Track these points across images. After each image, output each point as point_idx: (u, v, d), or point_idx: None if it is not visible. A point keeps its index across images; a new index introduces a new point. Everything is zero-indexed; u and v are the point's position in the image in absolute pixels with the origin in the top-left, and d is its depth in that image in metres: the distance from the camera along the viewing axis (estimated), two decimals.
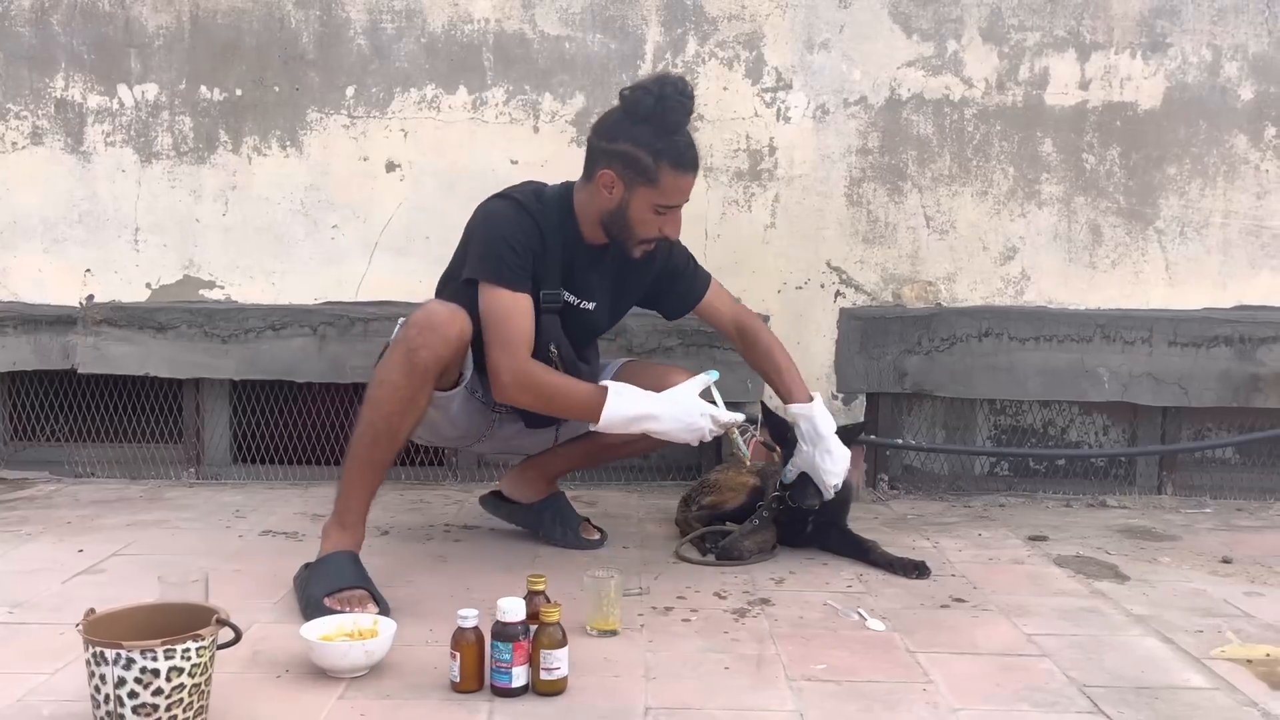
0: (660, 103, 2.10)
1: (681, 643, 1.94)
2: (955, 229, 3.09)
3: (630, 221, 2.18)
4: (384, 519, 2.76)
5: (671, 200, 2.17)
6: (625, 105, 2.15)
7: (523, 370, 2.09)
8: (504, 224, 2.14)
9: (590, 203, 2.21)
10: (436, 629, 1.93)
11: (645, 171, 2.13)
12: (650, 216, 2.17)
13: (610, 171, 2.15)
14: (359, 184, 3.08)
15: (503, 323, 2.09)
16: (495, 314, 2.10)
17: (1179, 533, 2.78)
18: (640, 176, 2.13)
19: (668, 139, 2.12)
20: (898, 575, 2.31)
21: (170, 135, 3.08)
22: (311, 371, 3.09)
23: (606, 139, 2.17)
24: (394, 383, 2.04)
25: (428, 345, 2.03)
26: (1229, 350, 3.04)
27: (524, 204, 2.18)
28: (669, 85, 2.12)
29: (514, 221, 2.15)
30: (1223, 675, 1.83)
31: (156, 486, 3.12)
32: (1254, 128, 3.06)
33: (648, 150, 2.11)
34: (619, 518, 2.81)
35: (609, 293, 2.35)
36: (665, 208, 2.17)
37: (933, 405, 3.22)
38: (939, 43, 3.04)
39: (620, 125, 2.15)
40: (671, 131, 2.13)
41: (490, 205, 2.21)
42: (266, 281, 3.11)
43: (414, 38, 3.05)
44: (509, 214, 2.17)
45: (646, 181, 2.13)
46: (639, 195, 2.15)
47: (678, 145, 2.13)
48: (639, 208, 2.16)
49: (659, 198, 2.15)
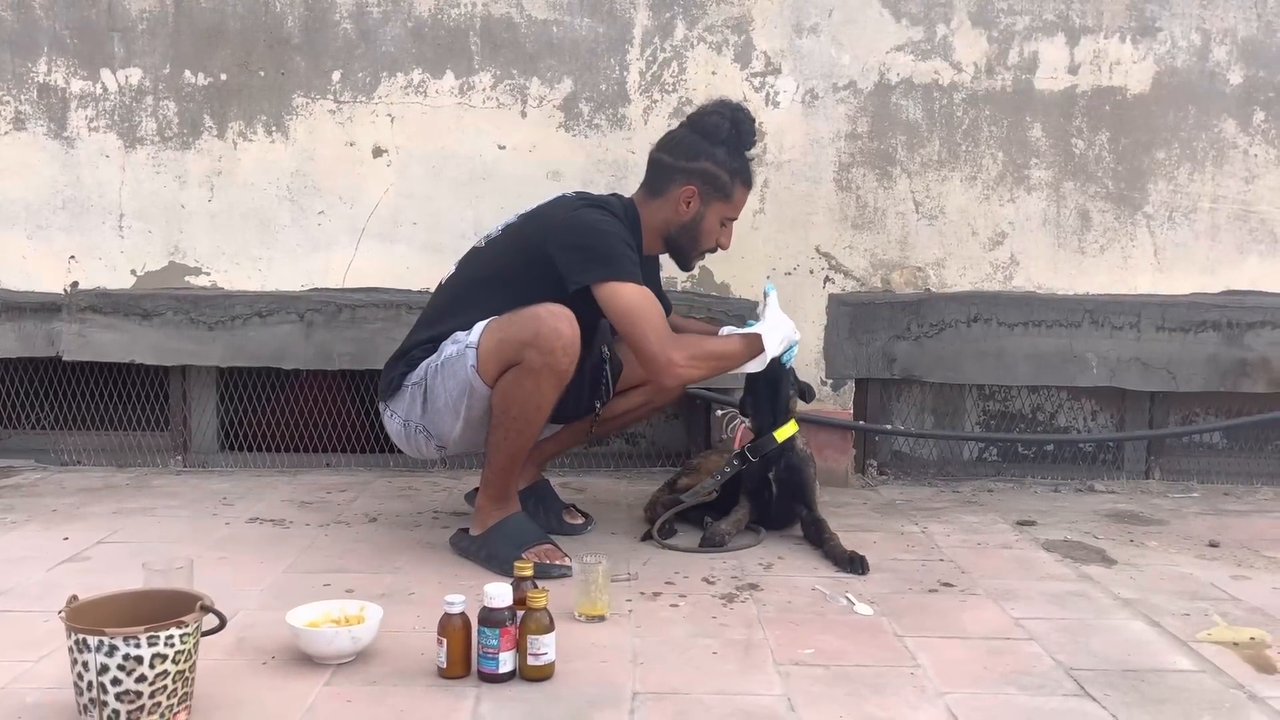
0: (735, 127, 2.36)
1: (669, 628, 1.93)
2: (944, 214, 3.08)
3: (701, 233, 2.40)
4: (372, 506, 2.76)
5: (737, 214, 2.43)
6: (701, 129, 2.38)
7: (685, 352, 2.21)
8: (617, 227, 2.27)
9: (658, 215, 2.39)
10: (424, 615, 1.93)
11: (723, 188, 2.37)
12: (716, 229, 2.41)
13: (692, 187, 2.35)
14: (346, 170, 3.06)
15: (648, 314, 2.19)
16: (637, 308, 2.18)
17: (1166, 517, 2.79)
18: (718, 192, 2.37)
19: (741, 159, 2.39)
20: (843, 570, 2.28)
21: (155, 120, 3.05)
22: (299, 358, 3.08)
23: (686, 158, 2.36)
24: (549, 402, 2.18)
25: (568, 354, 2.15)
26: (1217, 335, 3.05)
27: (619, 216, 2.31)
28: (739, 111, 2.38)
29: (622, 227, 2.29)
30: (1209, 658, 1.83)
31: (143, 474, 3.10)
32: (1243, 112, 3.06)
33: (726, 169, 2.36)
34: (607, 504, 2.81)
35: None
36: (729, 220, 2.42)
37: (922, 391, 3.22)
38: (928, 27, 3.03)
39: (699, 146, 2.36)
40: (743, 152, 2.39)
41: (592, 215, 2.27)
42: (253, 268, 3.09)
43: (400, 22, 3.03)
44: (615, 221, 2.28)
45: (723, 197, 2.37)
46: (713, 209, 2.38)
47: (747, 165, 2.41)
48: (711, 221, 2.39)
49: (729, 211, 2.40)
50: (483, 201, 3.05)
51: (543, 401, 2.16)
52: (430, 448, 2.35)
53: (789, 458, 2.49)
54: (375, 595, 2.03)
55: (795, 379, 2.54)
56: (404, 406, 2.33)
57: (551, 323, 2.12)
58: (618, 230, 2.25)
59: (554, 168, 3.04)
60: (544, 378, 2.13)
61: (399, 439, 2.39)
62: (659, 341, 2.18)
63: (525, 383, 2.14)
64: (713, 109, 2.39)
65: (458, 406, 2.22)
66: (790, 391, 2.51)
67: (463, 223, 3.04)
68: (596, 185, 2.94)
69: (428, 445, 2.34)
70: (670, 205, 2.37)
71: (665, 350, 2.18)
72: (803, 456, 2.53)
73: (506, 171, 3.04)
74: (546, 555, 2.22)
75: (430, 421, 2.29)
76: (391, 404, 2.37)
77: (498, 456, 2.23)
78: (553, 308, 2.15)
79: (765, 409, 2.50)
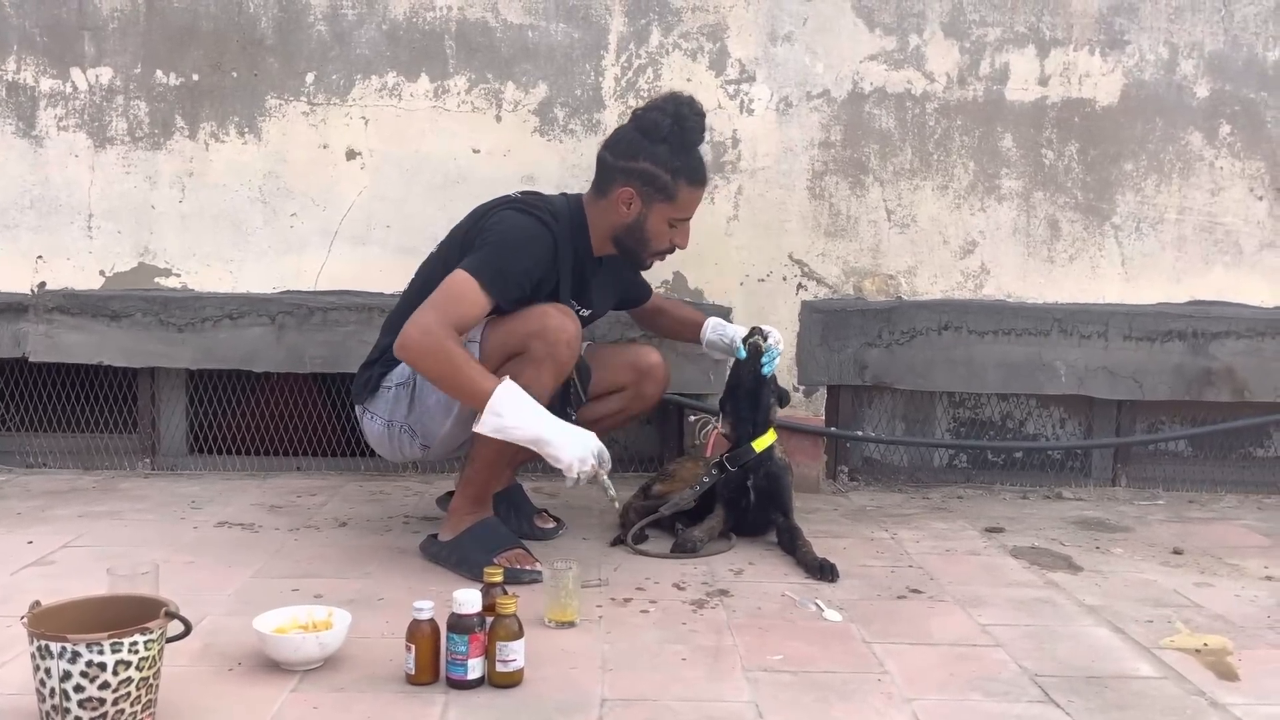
0: (678, 123, 2.26)
1: (639, 634, 1.94)
2: (916, 223, 3.11)
3: (647, 235, 2.32)
4: (343, 510, 2.74)
5: (686, 214, 2.34)
6: (642, 126, 2.29)
7: (439, 338, 2.04)
8: (522, 245, 2.18)
9: (604, 218, 2.33)
10: (393, 621, 1.92)
11: (664, 189, 2.28)
12: (665, 229, 2.32)
13: (630, 189, 2.28)
14: (319, 172, 3.05)
15: (455, 300, 2.10)
16: (455, 293, 2.11)
17: (1132, 524, 2.83)
18: (659, 193, 2.28)
19: (684, 157, 2.29)
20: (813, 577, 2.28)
21: (125, 120, 3.03)
22: (269, 361, 3.05)
23: (625, 158, 2.28)
24: (547, 392, 2.15)
25: (570, 347, 2.16)
26: (1182, 345, 3.09)
27: (549, 224, 2.23)
28: (684, 105, 2.28)
29: (532, 244, 2.19)
30: (1171, 665, 1.86)
31: (110, 477, 3.07)
32: (1209, 125, 3.10)
33: (666, 168, 2.27)
34: (580, 509, 2.81)
35: (601, 298, 2.48)
36: (678, 220, 2.33)
37: (893, 398, 3.24)
38: (901, 37, 3.06)
39: (638, 144, 2.28)
40: (688, 150, 2.29)
41: (515, 219, 2.21)
42: (224, 270, 3.07)
43: (375, 25, 3.01)
44: (530, 235, 2.20)
45: (665, 198, 2.28)
46: (656, 210, 2.30)
47: (693, 163, 2.31)
48: (656, 222, 2.31)
49: (675, 212, 2.31)
50: (456, 205, 3.00)
51: (540, 391, 2.13)
52: (414, 448, 2.35)
53: (768, 466, 2.50)
54: (344, 600, 2.02)
55: (775, 385, 2.54)
56: (386, 407, 2.32)
57: (558, 316, 2.17)
58: (519, 248, 2.16)
59: (528, 172, 3.04)
60: (545, 368, 2.14)
61: (379, 440, 2.38)
62: (430, 310, 2.07)
63: (526, 371, 2.13)
64: (656, 104, 2.31)
65: (450, 403, 2.22)
66: (771, 400, 2.52)
67: (436, 226, 3.00)
68: (570, 190, 2.93)
69: (411, 446, 2.34)
70: (613, 206, 2.30)
71: (423, 316, 2.06)
72: (781, 465, 2.54)
73: (481, 175, 3.04)
74: (517, 560, 2.22)
75: (417, 420, 2.29)
76: (370, 405, 2.36)
77: (486, 450, 2.21)
78: (559, 305, 2.21)
79: (745, 419, 2.50)
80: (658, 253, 2.37)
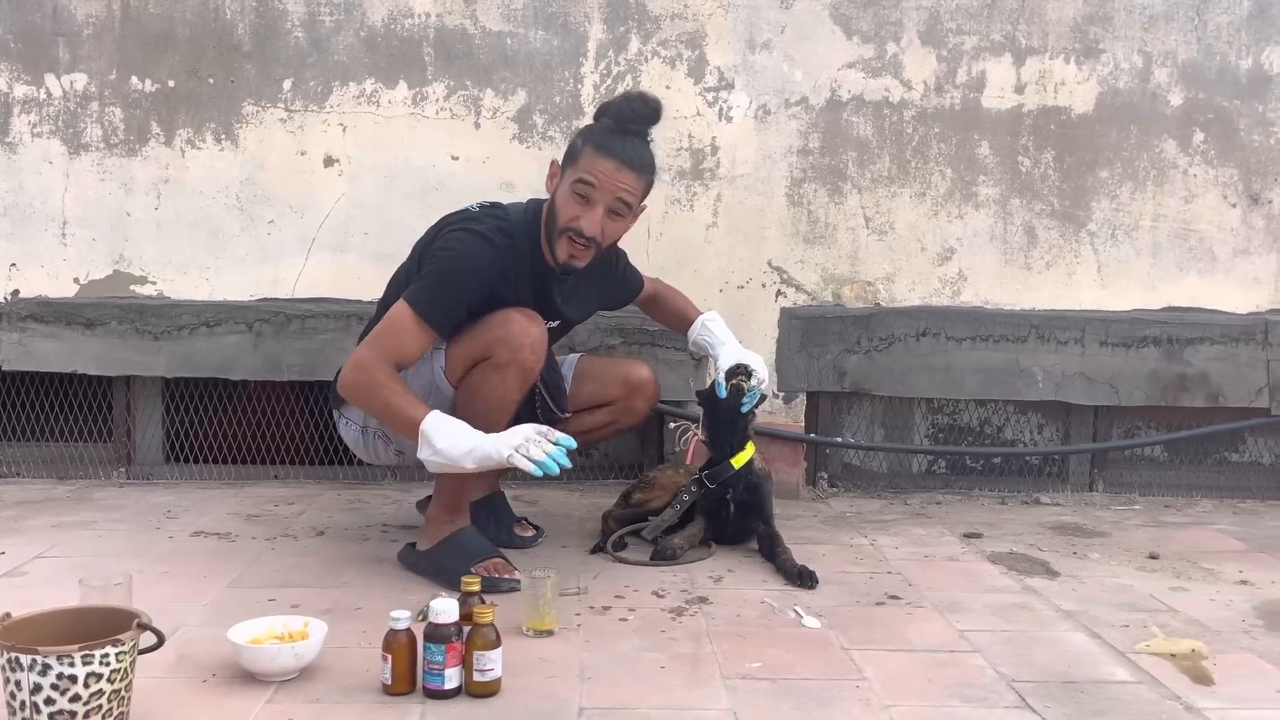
0: (621, 102, 2.20)
1: (618, 642, 1.93)
2: (894, 230, 3.12)
3: (556, 208, 2.19)
4: (320, 519, 2.72)
5: (588, 176, 2.14)
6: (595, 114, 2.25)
7: (373, 374, 2.06)
8: (461, 272, 2.12)
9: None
10: (370, 631, 1.91)
11: (574, 154, 2.19)
12: (571, 201, 2.16)
13: (555, 162, 2.24)
14: (296, 179, 3.03)
15: (392, 334, 2.10)
16: (391, 326, 2.11)
17: (1109, 529, 2.84)
18: (569, 161, 2.20)
19: (607, 132, 2.18)
20: (793, 584, 2.27)
21: (100, 126, 3.00)
22: (247, 369, 3.03)
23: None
24: (513, 399, 2.15)
25: (535, 352, 2.14)
26: (1158, 351, 3.11)
27: (496, 243, 2.17)
28: (635, 95, 2.22)
29: (472, 272, 2.13)
30: (1147, 669, 1.87)
31: (85, 487, 3.04)
32: (1183, 133, 3.13)
33: (583, 137, 2.20)
34: (560, 516, 2.80)
35: (574, 307, 2.40)
36: (582, 185, 2.14)
37: (872, 404, 3.25)
38: (879, 45, 3.07)
39: (582, 129, 2.25)
40: (619, 131, 2.17)
41: (460, 243, 2.15)
42: (200, 277, 3.05)
43: (353, 31, 3.01)
44: (471, 262, 2.13)
45: (571, 161, 2.19)
46: (565, 178, 2.19)
47: (610, 139, 2.16)
48: (564, 190, 2.18)
49: (575, 173, 2.15)
50: (435, 212, 2.94)
51: (506, 398, 2.13)
52: (389, 453, 2.34)
53: (748, 478, 2.49)
54: (321, 610, 2.00)
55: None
56: (359, 413, 2.32)
57: (522, 320, 2.14)
58: (461, 271, 2.12)
59: (507, 179, 3.03)
60: (510, 374, 2.13)
61: (355, 445, 2.38)
62: (367, 345, 2.11)
63: (491, 377, 2.13)
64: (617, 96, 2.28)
65: None
66: (750, 418, 2.51)
67: (415, 233, 2.95)
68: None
69: (386, 450, 2.33)
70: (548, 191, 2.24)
71: (360, 351, 2.10)
72: (761, 475, 2.53)
73: (460, 182, 3.03)
74: (496, 569, 2.21)
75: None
76: (346, 411, 2.36)
77: None
78: (524, 309, 2.17)
79: (723, 440, 2.48)
80: (565, 230, 2.16)
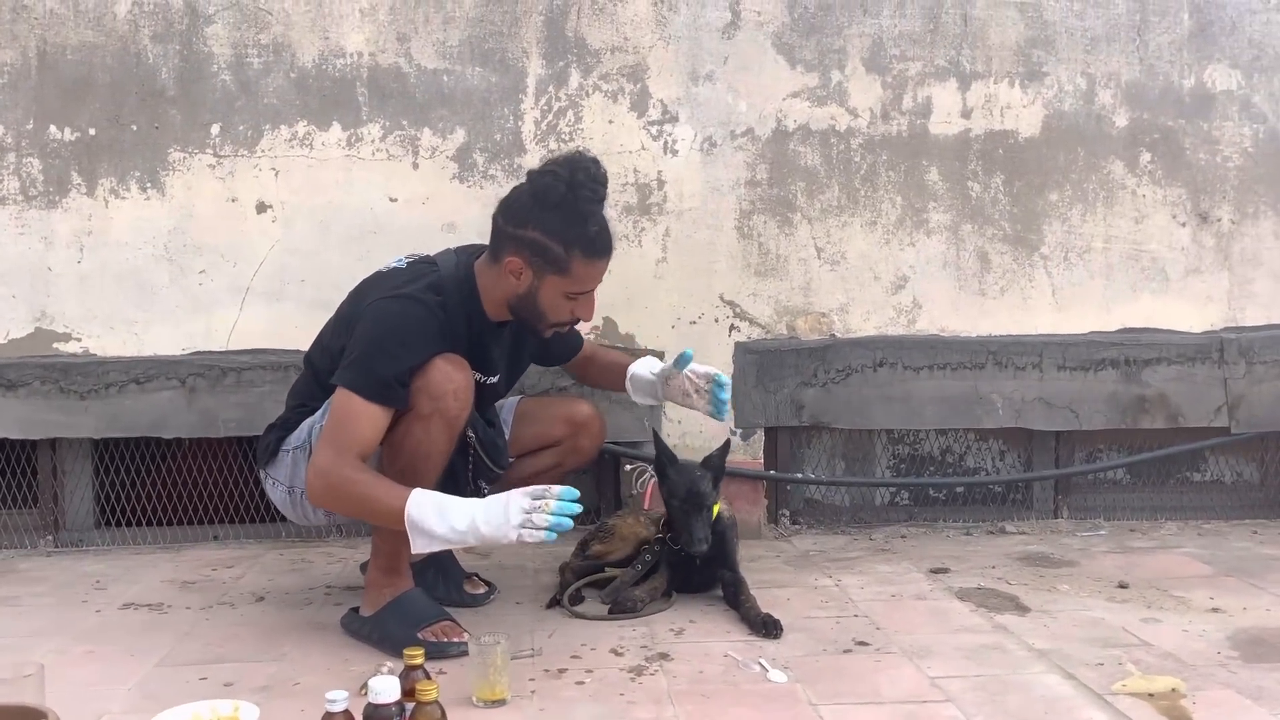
0: (571, 190, 2.04)
1: (574, 709, 1.83)
2: (846, 259, 3.07)
3: (541, 308, 2.12)
4: (261, 583, 2.59)
5: (585, 287, 2.12)
6: (535, 189, 2.07)
7: (338, 474, 1.96)
8: (396, 346, 2.01)
9: (497, 285, 2.13)
10: (309, 709, 1.79)
11: (556, 261, 2.06)
12: (562, 302, 2.12)
13: (519, 259, 2.08)
14: (228, 226, 2.92)
15: (345, 426, 1.99)
16: (341, 418, 2.00)
17: (1076, 557, 2.79)
18: (550, 266, 2.07)
19: (579, 227, 2.05)
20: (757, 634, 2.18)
21: (17, 178, 2.87)
22: (180, 426, 2.90)
23: (515, 224, 2.08)
24: (440, 451, 2.06)
25: (459, 399, 2.04)
26: (1116, 372, 3.08)
27: (428, 304, 2.06)
28: (580, 171, 2.05)
29: (406, 342, 2.02)
30: (1124, 711, 1.80)
31: (8, 558, 2.87)
32: (1130, 154, 3.12)
33: (558, 240, 2.05)
34: (513, 569, 2.69)
35: (508, 361, 2.33)
36: (577, 294, 2.11)
37: (831, 437, 3.18)
38: (823, 73, 3.03)
39: (529, 211, 2.07)
40: (583, 219, 2.06)
41: (387, 314, 2.05)
42: (128, 332, 2.91)
43: (283, 73, 2.91)
44: (405, 332, 2.03)
45: (557, 270, 2.07)
46: (549, 283, 2.09)
47: (589, 234, 2.06)
48: (550, 295, 2.10)
49: (571, 286, 2.09)
50: (374, 256, 2.90)
51: (433, 449, 2.04)
52: (318, 514, 2.22)
53: (714, 525, 2.37)
54: (256, 688, 1.88)
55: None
56: (286, 472, 2.21)
57: (444, 367, 2.03)
58: (395, 344, 2.01)
59: (448, 219, 2.94)
60: (434, 424, 2.03)
61: (284, 506, 2.26)
62: (326, 451, 1.98)
63: (415, 429, 2.03)
64: (553, 165, 2.09)
65: None
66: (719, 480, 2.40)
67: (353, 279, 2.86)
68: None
69: (315, 512, 2.21)
70: (503, 275, 2.10)
71: (320, 462, 1.98)
72: (727, 523, 2.44)
73: (399, 224, 2.93)
74: (444, 633, 2.09)
75: None
76: (271, 470, 2.24)
77: None
78: (449, 355, 2.05)
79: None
80: (556, 325, 2.17)
